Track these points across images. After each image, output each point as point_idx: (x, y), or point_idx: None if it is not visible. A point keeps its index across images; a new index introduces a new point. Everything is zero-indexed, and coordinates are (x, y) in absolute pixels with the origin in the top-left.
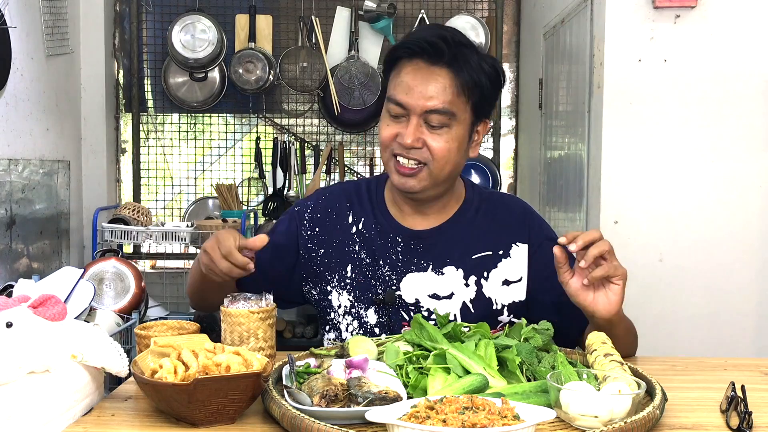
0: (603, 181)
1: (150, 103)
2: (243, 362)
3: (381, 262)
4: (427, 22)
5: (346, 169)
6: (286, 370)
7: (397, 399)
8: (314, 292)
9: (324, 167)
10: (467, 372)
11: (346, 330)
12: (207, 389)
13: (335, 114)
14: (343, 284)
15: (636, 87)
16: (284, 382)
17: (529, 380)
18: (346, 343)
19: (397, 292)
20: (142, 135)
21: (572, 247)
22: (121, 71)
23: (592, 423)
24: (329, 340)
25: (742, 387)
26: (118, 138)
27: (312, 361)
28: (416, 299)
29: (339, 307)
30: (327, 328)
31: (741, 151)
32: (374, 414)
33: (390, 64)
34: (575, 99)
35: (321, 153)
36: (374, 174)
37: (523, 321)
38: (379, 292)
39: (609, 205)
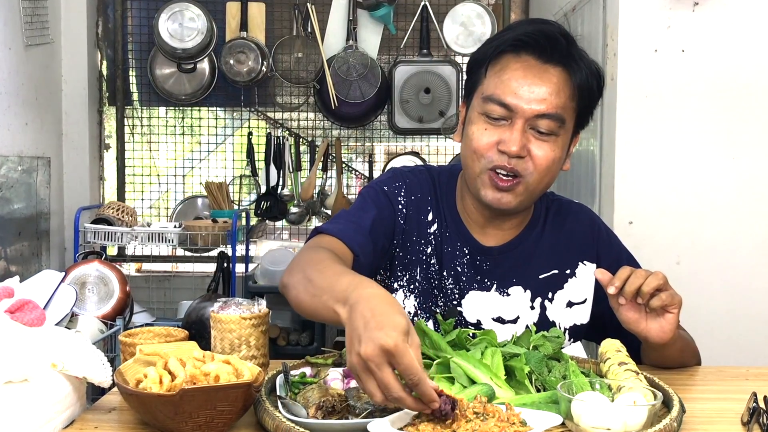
0: (617, 179)
1: (135, 96)
2: (233, 372)
3: (445, 273)
4: (430, 10)
5: (343, 166)
6: (280, 379)
7: (397, 411)
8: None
9: (320, 164)
10: (473, 382)
11: None
12: (194, 400)
13: (332, 108)
14: (411, 287)
15: (652, 79)
16: (278, 393)
17: (538, 391)
18: (344, 351)
19: (458, 308)
20: (127, 130)
21: (611, 290)
22: (105, 62)
23: None
24: None
25: (765, 398)
26: (101, 133)
27: (308, 370)
28: (478, 320)
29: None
30: None
31: (763, 147)
32: (376, 426)
33: (489, 57)
34: None
35: (317, 149)
36: (373, 172)
37: (533, 328)
38: (440, 304)
39: (623, 204)
